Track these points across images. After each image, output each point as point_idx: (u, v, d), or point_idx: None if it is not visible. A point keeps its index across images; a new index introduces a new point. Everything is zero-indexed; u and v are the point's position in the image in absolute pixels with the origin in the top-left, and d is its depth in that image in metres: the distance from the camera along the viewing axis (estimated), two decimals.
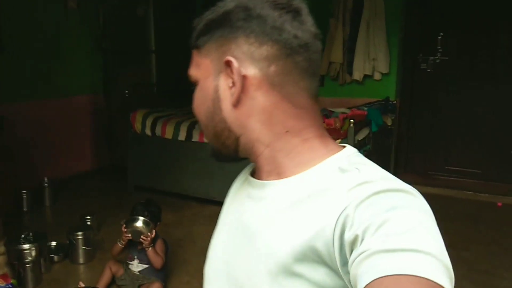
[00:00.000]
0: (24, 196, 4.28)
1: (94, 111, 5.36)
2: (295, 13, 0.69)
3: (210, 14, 0.73)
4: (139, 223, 2.83)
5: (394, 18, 4.46)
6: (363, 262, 0.53)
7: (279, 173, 0.73)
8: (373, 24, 4.35)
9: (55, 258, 3.35)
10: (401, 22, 4.53)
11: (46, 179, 4.43)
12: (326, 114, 4.08)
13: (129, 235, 2.83)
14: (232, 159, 0.78)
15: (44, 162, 4.72)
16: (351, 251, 0.57)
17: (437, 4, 4.44)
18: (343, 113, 3.88)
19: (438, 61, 4.48)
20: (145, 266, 2.91)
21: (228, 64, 0.69)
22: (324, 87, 4.86)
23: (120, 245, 2.90)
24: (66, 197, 4.59)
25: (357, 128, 3.61)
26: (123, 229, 2.85)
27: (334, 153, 0.72)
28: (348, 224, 0.58)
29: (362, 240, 0.55)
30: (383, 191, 0.59)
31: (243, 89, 0.69)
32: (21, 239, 3.18)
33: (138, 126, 4.43)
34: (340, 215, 0.59)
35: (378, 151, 4.18)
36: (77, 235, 3.32)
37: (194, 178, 4.16)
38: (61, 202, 4.49)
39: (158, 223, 2.98)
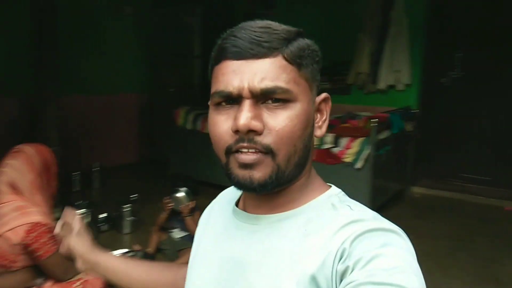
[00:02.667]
0: (76, 178, 4.74)
1: (140, 108, 5.86)
2: None
3: (295, 37, 0.71)
4: (180, 193, 3.25)
5: (417, 35, 4.83)
6: None
7: (287, 206, 0.74)
8: (398, 39, 4.73)
9: (103, 227, 3.77)
10: (423, 38, 4.89)
11: (95, 164, 4.91)
12: (351, 116, 4.46)
13: (170, 205, 3.24)
14: (276, 189, 0.72)
15: (93, 150, 5.21)
16: (341, 281, 0.60)
17: (457, 23, 4.79)
18: (366, 116, 4.25)
19: (456, 76, 4.84)
20: (185, 233, 3.30)
21: (328, 100, 0.75)
22: (350, 95, 5.26)
23: (163, 215, 3.31)
24: (112, 182, 5.05)
25: (379, 128, 3.93)
26: (165, 200, 3.27)
27: (324, 191, 0.75)
28: (343, 257, 0.62)
29: (352, 271, 0.59)
30: (376, 229, 0.64)
31: None
32: (75, 205, 3.63)
33: (180, 121, 4.90)
34: (338, 250, 0.63)
35: (397, 154, 4.52)
36: (124, 207, 3.76)
37: None
38: (108, 186, 4.95)
39: (196, 197, 3.36)
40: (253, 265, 0.71)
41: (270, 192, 0.72)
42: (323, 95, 0.75)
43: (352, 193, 3.34)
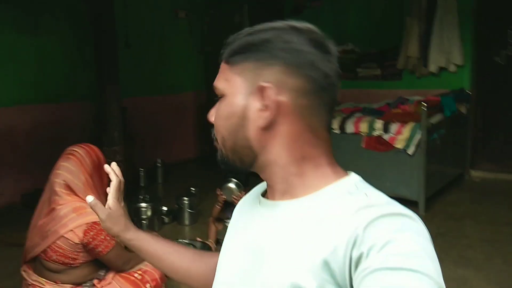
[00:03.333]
0: (142, 174, 5.07)
1: (198, 106, 6.12)
2: (328, 53, 0.73)
3: (246, 36, 0.77)
4: (231, 184, 3.39)
5: (466, 13, 4.70)
6: (366, 278, 0.58)
7: (291, 193, 0.76)
8: (446, 20, 4.63)
9: (166, 219, 4.01)
10: (473, 17, 4.76)
11: (159, 160, 5.22)
12: (401, 101, 4.42)
13: (223, 197, 3.40)
14: (240, 171, 0.81)
15: (157, 148, 5.52)
16: (356, 267, 0.61)
17: None
18: (417, 100, 4.20)
19: (510, 54, 4.65)
20: None
21: (262, 89, 0.71)
22: (401, 81, 5.20)
23: (217, 206, 3.48)
24: (174, 177, 5.33)
25: (431, 112, 3.90)
26: (218, 192, 3.44)
27: (341, 179, 0.75)
28: (357, 244, 0.62)
29: (367, 257, 0.60)
30: (389, 214, 0.64)
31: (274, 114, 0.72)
32: (139, 199, 3.89)
33: None
34: (350, 236, 0.63)
35: (454, 137, 4.43)
36: (184, 200, 3.98)
37: None
38: (171, 181, 5.23)
39: (247, 187, 3.43)
40: (272, 251, 0.73)
41: (263, 178, 0.81)
42: (260, 84, 0.72)
43: (406, 180, 3.42)
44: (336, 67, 0.74)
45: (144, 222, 3.76)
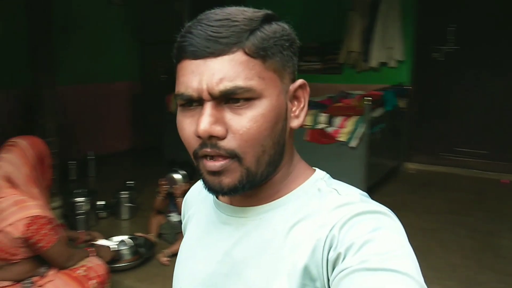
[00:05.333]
0: (72, 167, 4.76)
1: (132, 96, 5.87)
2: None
3: (260, 25, 0.65)
4: (176, 175, 3.28)
5: (409, 10, 4.81)
6: (344, 279, 0.56)
7: (272, 197, 0.71)
8: (389, 16, 4.71)
9: (103, 214, 3.81)
10: (415, 13, 4.87)
11: (91, 153, 4.92)
12: (343, 95, 4.48)
13: (166, 186, 3.27)
14: (252, 189, 0.69)
15: (87, 139, 5.23)
16: (333, 269, 0.59)
17: None
18: (359, 94, 4.27)
19: (449, 50, 4.83)
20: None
21: (304, 86, 0.69)
22: (342, 75, 5.25)
23: (159, 197, 3.34)
24: (107, 170, 5.07)
25: (373, 106, 3.95)
26: (161, 182, 3.30)
27: (309, 176, 0.72)
28: (333, 245, 0.60)
29: (344, 258, 0.58)
30: (364, 212, 0.62)
31: None
32: (74, 194, 3.66)
33: (172, 107, 4.90)
34: (327, 237, 0.61)
35: (392, 131, 4.55)
36: (122, 194, 3.80)
37: None
38: (104, 174, 4.96)
39: (192, 181, 3.35)
40: (244, 260, 0.69)
41: (262, 186, 0.70)
42: (299, 81, 0.69)
43: (347, 172, 3.41)
44: None
45: (80, 217, 3.54)
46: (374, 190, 4.22)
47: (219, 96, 0.62)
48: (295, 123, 0.69)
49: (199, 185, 0.86)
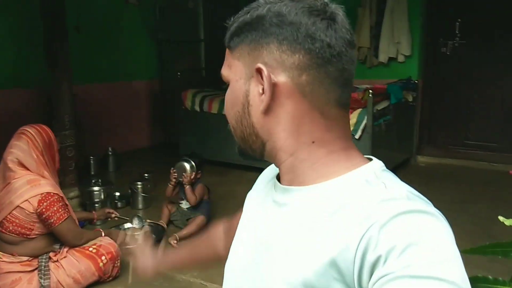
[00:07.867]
0: (92, 162, 5.00)
1: (151, 94, 6.07)
2: (330, 20, 0.65)
3: (243, 15, 0.70)
4: (184, 163, 3.46)
5: (416, 5, 4.86)
6: (387, 285, 0.53)
7: (299, 183, 0.70)
8: (397, 11, 4.78)
9: (119, 204, 4.00)
10: (422, 8, 4.93)
11: (110, 149, 5.15)
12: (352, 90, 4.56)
13: (176, 175, 3.45)
14: (258, 159, 0.76)
15: (108, 136, 5.44)
16: (372, 271, 0.56)
17: None
18: (365, 88, 4.36)
19: (456, 45, 4.88)
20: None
21: (259, 71, 0.67)
22: None
23: (170, 184, 3.52)
24: (126, 165, 5.26)
25: (377, 99, 4.05)
26: (172, 171, 3.48)
27: (360, 166, 0.69)
28: (372, 245, 0.56)
29: (385, 261, 0.54)
30: (408, 212, 0.58)
31: (273, 97, 0.67)
32: (92, 183, 3.87)
33: (188, 103, 5.09)
34: (364, 235, 0.58)
35: (400, 124, 4.61)
36: (138, 184, 3.98)
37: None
38: (122, 169, 5.17)
39: (200, 171, 3.53)
40: (280, 242, 0.70)
41: (279, 169, 0.75)
42: (256, 67, 0.68)
43: None
44: (344, 33, 0.66)
45: (97, 205, 3.76)
46: None
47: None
48: (259, 107, 0.69)
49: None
